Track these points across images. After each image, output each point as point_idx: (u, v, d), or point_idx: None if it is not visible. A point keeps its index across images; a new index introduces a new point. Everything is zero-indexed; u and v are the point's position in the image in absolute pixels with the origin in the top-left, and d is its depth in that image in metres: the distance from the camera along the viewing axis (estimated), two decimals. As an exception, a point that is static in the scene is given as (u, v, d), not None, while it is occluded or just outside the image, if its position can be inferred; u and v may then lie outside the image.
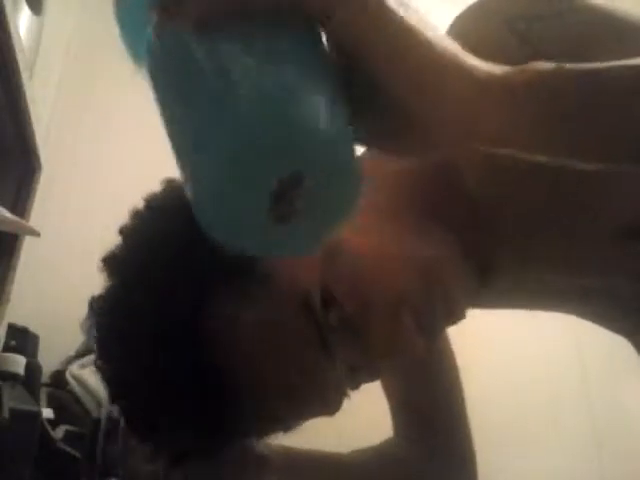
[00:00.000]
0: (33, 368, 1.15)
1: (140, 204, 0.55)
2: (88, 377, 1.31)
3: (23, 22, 1.02)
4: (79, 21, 2.04)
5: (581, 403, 2.02)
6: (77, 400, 1.27)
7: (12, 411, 0.76)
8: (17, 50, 0.88)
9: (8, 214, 1.00)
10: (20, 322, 1.42)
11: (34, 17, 1.08)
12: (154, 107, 0.42)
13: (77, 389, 1.29)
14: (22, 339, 1.37)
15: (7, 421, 0.75)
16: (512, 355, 1.91)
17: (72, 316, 1.60)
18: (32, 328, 1.47)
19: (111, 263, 0.53)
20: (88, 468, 0.96)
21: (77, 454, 0.96)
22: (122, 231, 0.54)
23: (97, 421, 1.10)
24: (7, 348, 1.26)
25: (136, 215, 0.54)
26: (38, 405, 1.01)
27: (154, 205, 0.54)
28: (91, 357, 1.42)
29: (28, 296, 1.60)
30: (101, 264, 0.53)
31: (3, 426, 0.74)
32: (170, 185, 0.55)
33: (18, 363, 0.87)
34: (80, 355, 1.47)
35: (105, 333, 0.54)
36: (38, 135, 1.16)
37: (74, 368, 1.36)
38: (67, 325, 1.55)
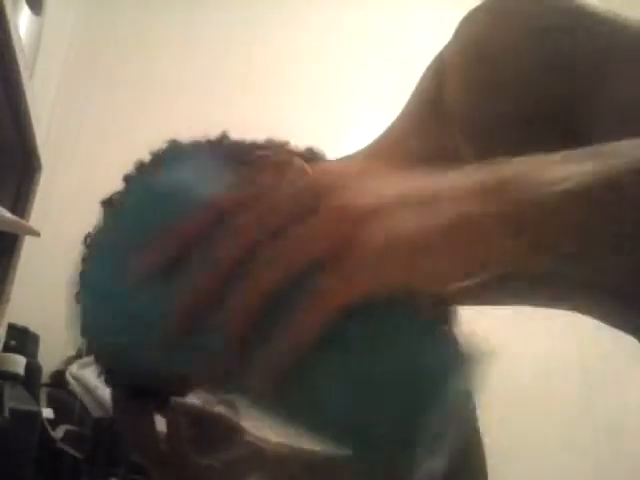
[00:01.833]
0: (33, 368, 1.15)
1: (146, 157, 0.58)
2: (88, 377, 1.31)
3: (23, 22, 1.01)
4: (79, 21, 2.04)
5: (582, 402, 2.02)
6: (77, 400, 1.27)
7: (12, 411, 0.76)
8: (17, 50, 0.88)
9: (8, 214, 1.00)
10: (20, 322, 1.42)
11: (34, 17, 1.08)
12: (153, 107, 0.42)
13: (77, 389, 1.29)
14: (22, 339, 1.37)
15: (7, 421, 0.75)
16: (512, 355, 1.91)
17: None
18: (32, 328, 1.48)
19: (105, 205, 0.57)
20: (88, 468, 0.96)
21: (77, 454, 0.96)
22: (124, 179, 0.57)
23: (97, 421, 1.10)
24: (7, 348, 1.26)
25: (138, 167, 0.57)
26: (38, 405, 1.01)
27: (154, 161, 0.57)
28: (91, 357, 1.42)
29: (28, 296, 1.60)
30: (100, 204, 0.57)
31: (3, 426, 0.74)
32: (173, 145, 0.58)
33: (18, 363, 0.87)
34: (80, 355, 1.47)
35: (83, 268, 0.57)
36: (38, 135, 1.16)
37: (74, 368, 1.36)
38: (67, 325, 1.55)
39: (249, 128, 0.64)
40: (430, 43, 0.68)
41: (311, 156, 0.63)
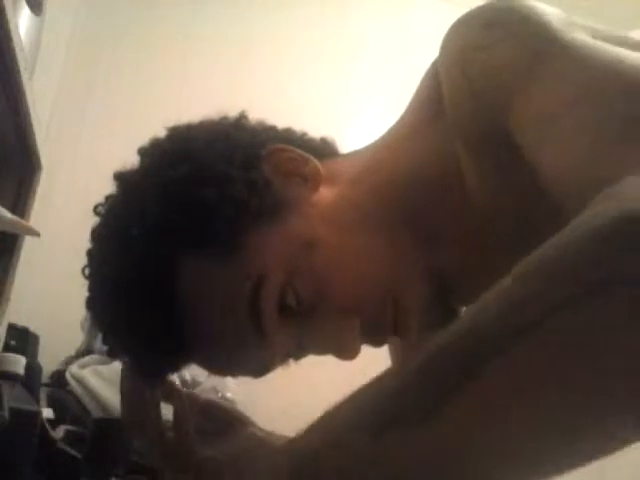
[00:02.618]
0: (33, 368, 1.15)
1: (162, 132, 0.57)
2: (88, 377, 1.31)
3: (23, 22, 1.01)
4: (79, 21, 2.04)
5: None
6: (77, 400, 1.27)
7: (12, 411, 0.76)
8: (17, 50, 0.88)
9: (8, 214, 1.00)
10: (20, 322, 1.42)
11: (34, 17, 1.08)
12: (152, 107, 0.42)
13: (77, 389, 1.29)
14: (22, 339, 1.37)
15: (7, 421, 0.75)
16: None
17: (72, 316, 1.61)
18: (32, 328, 1.48)
19: (119, 178, 0.56)
20: (88, 468, 0.96)
21: (77, 454, 0.96)
22: (140, 152, 0.57)
23: (97, 421, 1.10)
24: (7, 348, 1.26)
25: (154, 145, 0.57)
26: (38, 405, 1.01)
27: (173, 140, 0.56)
28: (91, 357, 1.42)
29: (28, 296, 1.60)
30: (113, 175, 0.56)
31: (3, 426, 0.74)
32: (188, 129, 0.58)
33: (18, 363, 0.87)
34: (80, 355, 1.47)
35: (94, 237, 0.57)
36: (38, 135, 1.16)
37: (74, 368, 1.36)
38: (67, 325, 1.56)
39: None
40: (430, 40, 0.68)
41: (325, 148, 0.63)
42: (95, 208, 0.58)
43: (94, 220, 0.58)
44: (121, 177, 0.57)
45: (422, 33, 2.28)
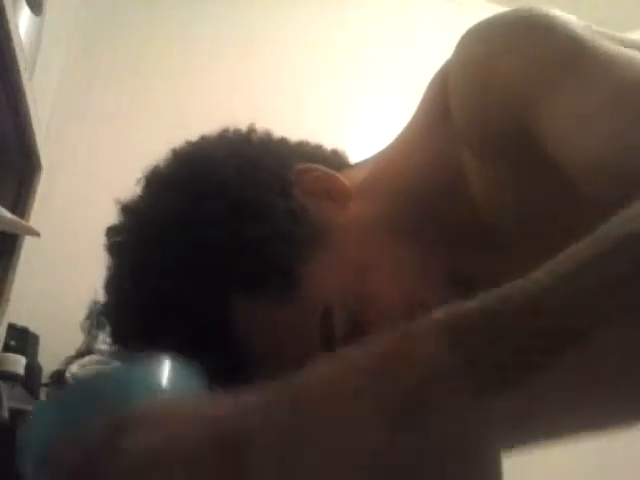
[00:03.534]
0: (33, 368, 1.15)
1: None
2: (88, 377, 1.31)
3: (23, 22, 1.01)
4: (79, 21, 2.04)
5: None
6: (77, 400, 1.27)
7: (12, 411, 0.76)
8: (17, 50, 0.88)
9: (8, 214, 1.00)
10: (20, 322, 1.42)
11: (34, 17, 1.08)
12: (152, 107, 0.42)
13: (77, 389, 1.29)
14: (22, 339, 1.38)
15: (7, 421, 0.75)
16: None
17: (72, 316, 1.60)
18: (32, 328, 1.48)
19: (133, 214, 0.51)
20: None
21: (77, 454, 0.96)
22: (150, 181, 0.53)
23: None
24: (7, 348, 1.26)
25: (168, 174, 0.53)
26: (38, 405, 1.00)
27: (192, 168, 0.52)
28: (91, 357, 1.42)
29: (28, 296, 1.60)
30: (125, 210, 0.52)
31: (3, 426, 0.74)
32: (200, 152, 0.54)
33: (18, 363, 0.87)
34: (80, 355, 1.47)
35: (119, 289, 0.51)
36: (38, 135, 1.16)
37: (74, 368, 1.36)
38: (67, 325, 1.56)
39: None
40: (430, 40, 0.68)
41: (337, 159, 0.61)
42: (109, 247, 0.52)
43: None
44: (138, 214, 0.51)
45: (422, 33, 2.28)
